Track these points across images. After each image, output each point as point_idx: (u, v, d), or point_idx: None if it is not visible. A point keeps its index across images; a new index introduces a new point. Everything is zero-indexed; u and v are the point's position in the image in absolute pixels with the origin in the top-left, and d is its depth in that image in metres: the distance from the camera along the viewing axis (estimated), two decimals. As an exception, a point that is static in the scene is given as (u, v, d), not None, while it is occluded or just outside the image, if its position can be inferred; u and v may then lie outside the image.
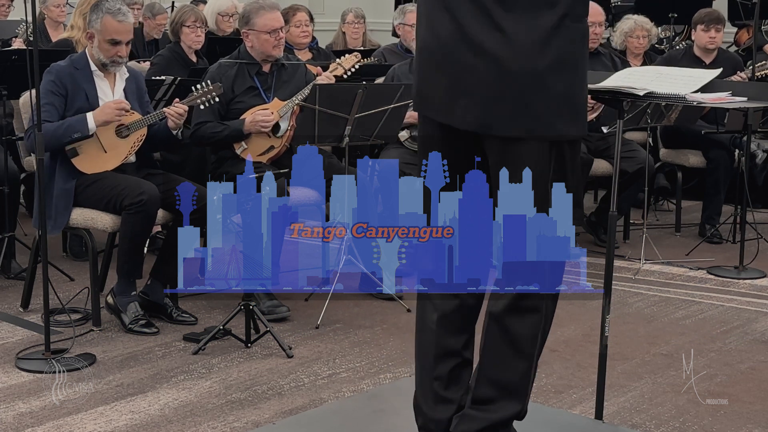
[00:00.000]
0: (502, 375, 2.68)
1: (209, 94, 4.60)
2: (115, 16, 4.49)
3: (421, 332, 2.81)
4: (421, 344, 2.81)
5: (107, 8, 4.50)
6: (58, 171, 4.48)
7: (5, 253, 5.17)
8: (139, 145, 4.56)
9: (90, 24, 4.54)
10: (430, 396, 2.78)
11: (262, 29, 4.97)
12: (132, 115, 4.55)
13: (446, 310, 2.76)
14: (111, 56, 4.52)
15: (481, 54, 2.52)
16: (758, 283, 5.43)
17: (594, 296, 5.08)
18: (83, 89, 4.51)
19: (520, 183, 2.58)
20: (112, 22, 4.49)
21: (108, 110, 4.45)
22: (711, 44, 6.50)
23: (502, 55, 2.50)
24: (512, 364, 2.67)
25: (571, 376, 4.01)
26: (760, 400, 3.79)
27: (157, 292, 4.59)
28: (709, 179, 6.46)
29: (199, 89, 4.59)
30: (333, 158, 5.25)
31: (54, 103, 4.46)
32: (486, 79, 2.52)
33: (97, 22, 4.50)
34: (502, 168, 2.60)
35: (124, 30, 4.52)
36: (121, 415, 3.57)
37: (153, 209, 4.39)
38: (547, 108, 2.54)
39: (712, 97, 3.03)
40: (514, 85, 2.51)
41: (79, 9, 5.63)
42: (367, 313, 4.81)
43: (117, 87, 4.62)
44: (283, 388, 3.85)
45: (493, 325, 2.67)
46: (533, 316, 2.65)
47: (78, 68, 4.55)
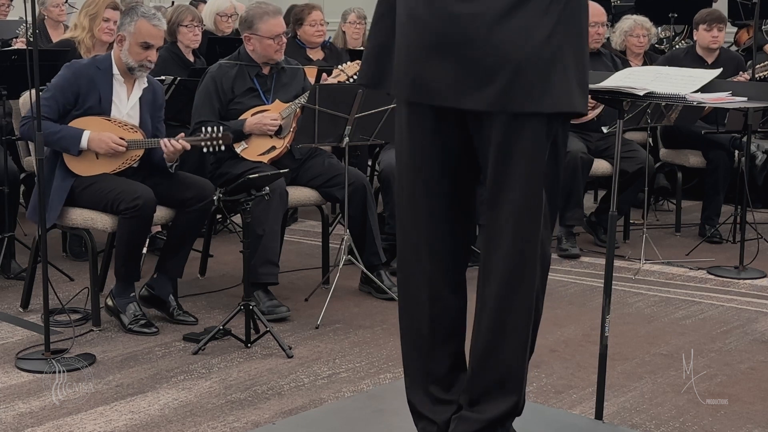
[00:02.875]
0: (495, 372, 2.66)
1: (216, 141, 4.51)
2: (150, 20, 4.52)
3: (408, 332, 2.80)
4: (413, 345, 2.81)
5: (142, 12, 4.53)
6: (58, 168, 4.50)
7: (5, 253, 5.17)
8: (131, 165, 4.55)
9: (121, 27, 4.54)
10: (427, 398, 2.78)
11: (265, 34, 4.97)
12: (134, 134, 4.54)
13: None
14: (141, 60, 4.52)
15: (497, 29, 2.46)
16: (758, 283, 5.43)
17: (594, 296, 5.08)
18: (98, 91, 4.51)
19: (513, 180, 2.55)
20: (147, 26, 4.51)
21: (104, 143, 4.43)
22: (713, 44, 6.50)
23: (518, 30, 2.46)
24: (504, 360, 2.65)
25: (571, 376, 4.01)
26: (760, 400, 3.79)
27: (163, 286, 4.60)
28: (709, 179, 6.47)
29: (209, 132, 4.51)
30: (333, 158, 5.25)
31: (57, 99, 4.46)
32: (502, 56, 2.46)
33: (131, 25, 4.50)
34: (500, 152, 2.55)
35: (157, 35, 4.56)
36: (121, 415, 3.57)
37: (149, 213, 4.38)
38: (566, 83, 2.50)
39: (712, 97, 3.03)
40: (532, 60, 2.46)
41: (85, 9, 5.62)
42: (367, 313, 4.81)
43: (133, 94, 4.61)
44: (283, 388, 3.85)
45: (481, 322, 2.65)
46: (523, 310, 2.63)
47: (100, 69, 4.55)
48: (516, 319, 2.62)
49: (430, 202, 2.68)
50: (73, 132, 4.45)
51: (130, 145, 4.50)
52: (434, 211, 2.69)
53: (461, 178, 2.69)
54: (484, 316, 2.64)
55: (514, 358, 2.65)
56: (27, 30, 6.11)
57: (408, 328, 2.79)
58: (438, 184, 2.67)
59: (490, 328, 2.63)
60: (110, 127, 4.50)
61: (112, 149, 4.45)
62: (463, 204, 2.72)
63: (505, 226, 2.58)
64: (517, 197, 2.55)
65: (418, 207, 2.70)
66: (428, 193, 2.68)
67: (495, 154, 2.56)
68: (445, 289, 2.73)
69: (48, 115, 4.41)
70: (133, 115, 4.60)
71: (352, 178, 4.89)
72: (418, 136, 2.67)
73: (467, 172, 2.69)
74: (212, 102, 4.97)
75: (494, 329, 2.63)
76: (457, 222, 2.72)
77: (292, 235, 6.29)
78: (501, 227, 2.59)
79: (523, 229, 2.57)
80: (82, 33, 5.55)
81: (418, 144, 2.68)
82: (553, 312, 4.76)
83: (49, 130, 4.38)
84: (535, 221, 2.58)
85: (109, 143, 4.45)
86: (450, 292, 2.73)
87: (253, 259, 4.46)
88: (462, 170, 2.69)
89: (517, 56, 2.47)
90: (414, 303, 2.75)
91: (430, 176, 2.67)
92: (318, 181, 5.06)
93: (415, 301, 2.75)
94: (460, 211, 2.72)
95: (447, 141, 2.65)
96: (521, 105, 2.50)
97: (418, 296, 2.74)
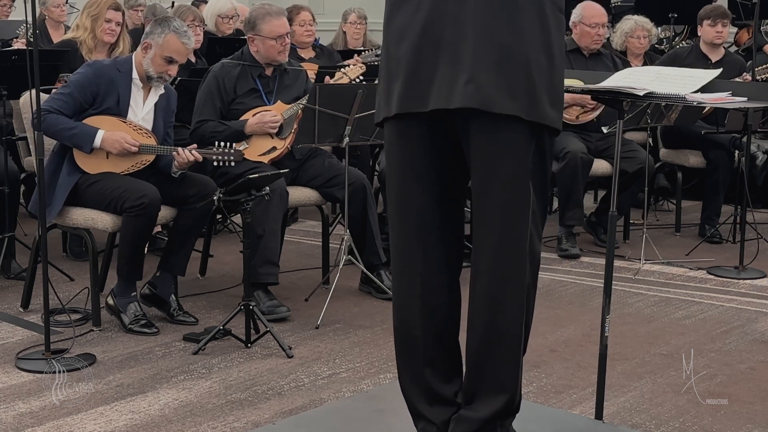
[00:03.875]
0: (489, 371, 2.66)
1: (229, 156, 4.49)
2: (181, 37, 4.53)
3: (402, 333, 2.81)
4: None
5: (175, 27, 4.54)
6: (66, 162, 4.52)
7: (5, 253, 5.17)
8: (140, 168, 4.55)
9: (150, 35, 4.54)
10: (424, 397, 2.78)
11: (268, 35, 4.97)
12: (148, 139, 4.55)
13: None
14: (161, 72, 4.54)
15: (484, 32, 2.52)
16: (758, 283, 5.43)
17: (594, 296, 5.08)
18: (117, 92, 4.53)
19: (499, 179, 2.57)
20: (176, 42, 4.52)
21: (117, 143, 4.45)
22: (718, 39, 6.48)
23: (507, 34, 2.52)
24: (497, 359, 2.65)
25: (571, 376, 4.01)
26: (760, 400, 3.79)
27: (165, 285, 4.60)
28: (709, 180, 6.46)
29: (221, 147, 4.50)
30: (333, 158, 5.25)
31: (75, 96, 4.47)
32: (488, 55, 2.52)
33: (161, 36, 4.51)
34: (483, 160, 2.58)
35: (184, 52, 4.59)
36: (121, 415, 3.58)
37: (153, 212, 4.39)
38: (543, 93, 2.56)
39: (712, 97, 3.03)
40: (517, 64, 2.52)
41: (87, 10, 5.62)
42: (367, 313, 4.81)
43: (149, 100, 4.63)
44: (283, 388, 3.85)
45: (474, 319, 2.66)
46: (515, 307, 2.64)
47: (120, 71, 4.56)
48: (507, 317, 2.63)
49: (421, 201, 2.70)
50: (88, 130, 4.46)
51: (142, 149, 4.51)
52: (425, 210, 2.70)
53: (452, 177, 2.71)
54: (476, 313, 2.66)
55: (506, 356, 2.66)
56: (27, 30, 6.11)
57: (400, 329, 2.79)
58: (431, 184, 2.69)
59: (481, 326, 2.65)
60: (125, 128, 4.51)
61: (125, 149, 4.46)
62: (455, 202, 2.74)
63: (492, 224, 2.61)
64: (503, 195, 2.59)
65: (409, 206, 2.71)
66: (420, 192, 2.69)
67: (479, 153, 2.60)
68: (438, 288, 2.73)
69: (64, 111, 4.44)
70: (148, 120, 4.62)
71: (352, 178, 4.89)
72: (409, 143, 2.70)
73: (458, 171, 2.71)
74: (214, 101, 4.97)
75: (486, 327, 2.64)
76: (449, 220, 2.73)
77: (292, 235, 6.29)
78: (488, 226, 2.62)
79: (511, 227, 2.60)
80: (84, 33, 5.55)
81: (407, 148, 2.70)
82: (553, 312, 4.76)
83: (64, 126, 4.42)
84: (522, 218, 2.60)
85: (123, 143, 4.46)
86: (443, 291, 2.74)
87: (253, 259, 4.47)
88: (452, 169, 2.70)
89: (500, 56, 2.52)
90: (407, 302, 2.76)
91: (421, 177, 2.69)
92: (318, 181, 5.06)
93: (408, 300, 2.75)
94: (452, 209, 2.73)
95: (437, 142, 2.67)
96: (502, 106, 2.53)
97: (411, 295, 2.75)
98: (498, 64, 2.53)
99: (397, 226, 2.76)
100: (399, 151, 2.72)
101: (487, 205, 2.61)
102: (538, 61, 2.55)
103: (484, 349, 2.65)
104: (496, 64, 2.53)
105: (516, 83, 2.53)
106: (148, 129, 4.58)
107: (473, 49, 2.53)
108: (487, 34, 2.53)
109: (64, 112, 4.44)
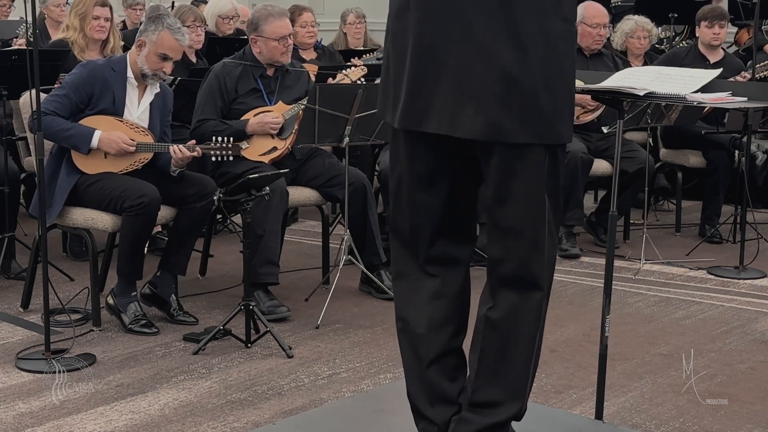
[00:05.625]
0: (502, 378, 2.66)
1: (227, 151, 4.50)
2: (174, 33, 4.53)
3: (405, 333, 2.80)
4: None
5: (168, 24, 4.54)
6: (64, 163, 4.52)
7: (5, 253, 5.17)
8: (139, 166, 4.55)
9: (144, 33, 4.54)
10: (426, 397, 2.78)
11: (270, 36, 4.97)
12: (145, 137, 4.55)
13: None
14: (156, 69, 4.54)
15: (489, 57, 2.47)
16: (758, 283, 5.43)
17: (594, 296, 5.08)
18: (112, 92, 4.53)
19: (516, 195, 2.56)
20: (169, 38, 4.52)
21: (115, 143, 4.45)
22: (715, 40, 6.48)
23: (512, 59, 2.46)
24: (511, 367, 2.65)
25: (571, 376, 4.01)
26: (760, 400, 3.79)
27: (166, 285, 4.60)
28: (709, 180, 6.46)
29: (219, 142, 4.50)
30: (333, 158, 5.25)
31: (71, 97, 4.47)
32: (494, 83, 2.47)
33: (154, 34, 4.51)
34: (498, 179, 2.56)
35: (178, 49, 4.59)
36: (121, 415, 3.58)
37: (153, 211, 4.39)
38: (554, 113, 2.52)
39: (712, 97, 3.03)
40: (524, 90, 2.47)
41: (74, 10, 5.60)
42: (367, 313, 4.81)
43: (144, 99, 4.62)
44: (283, 388, 3.85)
45: (489, 328, 2.65)
46: (530, 316, 2.63)
47: (115, 70, 4.56)
48: (525, 327, 2.63)
49: (427, 200, 2.68)
50: (85, 131, 4.46)
51: (139, 147, 4.51)
52: (432, 208, 2.69)
53: (460, 178, 2.69)
54: (492, 325, 2.64)
55: (521, 366, 2.66)
56: (27, 30, 6.11)
57: (404, 329, 2.79)
58: (438, 184, 2.67)
59: (498, 335, 2.63)
60: (122, 127, 4.52)
61: (122, 149, 4.46)
62: (463, 203, 2.72)
63: (508, 234, 2.58)
64: (519, 207, 2.56)
65: (415, 204, 2.70)
66: (427, 191, 2.68)
67: (493, 170, 2.56)
68: (445, 288, 2.73)
69: (60, 112, 4.44)
70: (144, 118, 4.62)
71: (352, 178, 4.89)
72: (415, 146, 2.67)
73: (467, 173, 2.69)
74: (215, 100, 4.97)
75: (503, 337, 2.63)
76: (456, 220, 2.72)
77: (292, 235, 6.29)
78: (503, 235, 2.58)
79: (527, 237, 2.57)
80: (74, 33, 5.53)
81: (413, 150, 2.67)
82: (553, 312, 4.74)
83: (61, 127, 4.42)
84: (539, 228, 2.58)
85: (120, 143, 4.46)
86: (450, 291, 2.74)
87: (253, 259, 4.46)
88: (462, 171, 2.68)
89: (514, 83, 2.46)
90: (411, 302, 2.76)
91: (429, 177, 2.67)
92: (318, 181, 5.06)
93: (412, 300, 2.75)
94: (460, 209, 2.72)
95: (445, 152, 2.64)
96: (515, 136, 2.49)
97: (415, 296, 2.74)
98: (506, 92, 2.47)
99: (401, 228, 2.74)
100: (405, 152, 2.69)
101: (501, 215, 2.58)
102: (547, 83, 2.49)
103: (499, 360, 2.64)
104: (504, 92, 2.47)
105: (525, 110, 2.48)
106: (144, 127, 4.57)
107: (480, 78, 2.47)
108: (492, 60, 2.46)
109: (61, 114, 4.44)
